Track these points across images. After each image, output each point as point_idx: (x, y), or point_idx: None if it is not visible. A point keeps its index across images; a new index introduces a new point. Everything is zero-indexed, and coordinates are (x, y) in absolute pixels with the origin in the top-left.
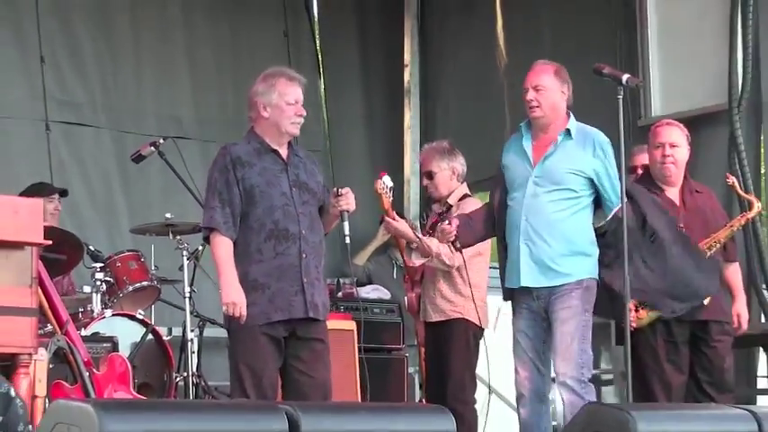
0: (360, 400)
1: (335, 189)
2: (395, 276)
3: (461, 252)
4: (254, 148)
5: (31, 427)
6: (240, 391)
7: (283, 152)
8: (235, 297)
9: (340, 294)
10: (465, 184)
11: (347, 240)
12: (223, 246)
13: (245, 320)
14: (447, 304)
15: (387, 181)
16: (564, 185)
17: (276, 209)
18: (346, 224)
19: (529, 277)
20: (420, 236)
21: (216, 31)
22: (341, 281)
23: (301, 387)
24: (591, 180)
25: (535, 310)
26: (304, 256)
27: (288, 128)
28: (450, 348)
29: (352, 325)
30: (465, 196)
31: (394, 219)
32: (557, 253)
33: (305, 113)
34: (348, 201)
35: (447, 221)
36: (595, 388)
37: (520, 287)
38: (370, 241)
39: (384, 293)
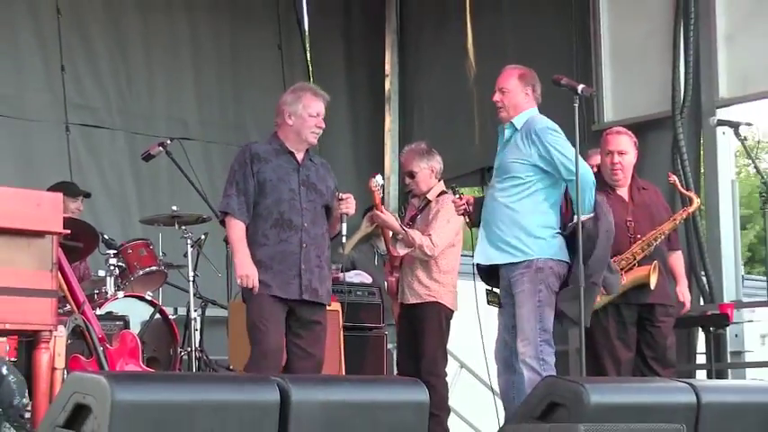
0: (344, 373)
1: (338, 194)
2: (376, 263)
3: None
4: (274, 149)
5: (26, 399)
6: (254, 346)
7: (299, 156)
8: (248, 270)
9: None
10: (441, 181)
11: (343, 240)
12: (236, 228)
13: (257, 292)
14: (423, 289)
15: (378, 179)
16: (510, 174)
17: (283, 201)
18: (344, 225)
19: (482, 256)
20: (405, 228)
21: (218, 44)
22: (333, 267)
23: (298, 362)
24: (538, 166)
25: (506, 287)
26: (304, 245)
27: (308, 136)
28: (425, 328)
29: (337, 306)
30: (442, 193)
31: (383, 212)
32: (507, 235)
33: (324, 126)
34: (348, 205)
35: (458, 196)
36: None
37: (487, 266)
38: (355, 232)
39: (366, 278)
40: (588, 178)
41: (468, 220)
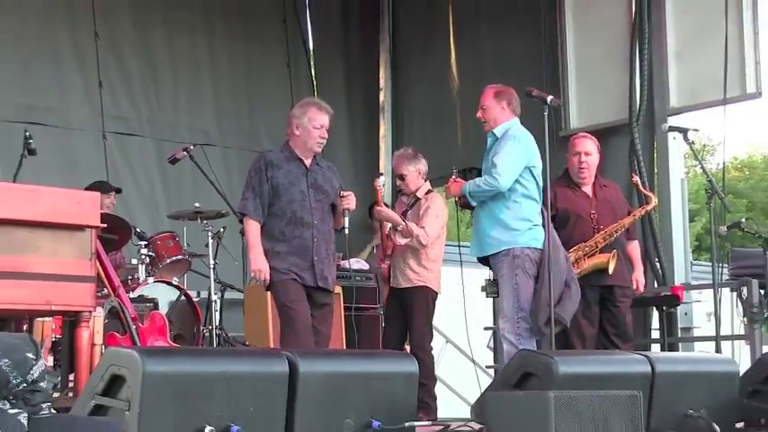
0: (344, 347)
1: (340, 191)
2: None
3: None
4: (285, 156)
5: (33, 378)
6: (287, 323)
7: (307, 162)
8: (261, 265)
9: None
10: (428, 181)
11: (346, 232)
12: (252, 227)
13: (275, 275)
14: (414, 274)
15: (382, 179)
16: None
17: (295, 202)
18: (347, 219)
19: (474, 249)
20: (404, 221)
21: (234, 63)
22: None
23: (319, 332)
24: None
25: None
26: (315, 240)
27: (313, 146)
28: (415, 308)
29: (338, 289)
30: (429, 191)
31: (383, 207)
32: (487, 228)
33: (327, 137)
34: (350, 201)
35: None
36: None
37: (484, 257)
38: (370, 241)
39: (364, 265)
40: (493, 186)
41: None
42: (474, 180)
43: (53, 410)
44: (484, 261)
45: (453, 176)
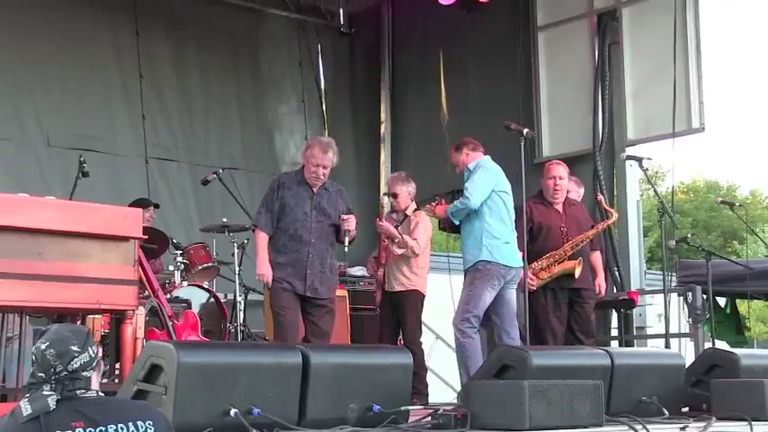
0: (349, 342)
1: (340, 216)
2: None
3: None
4: (297, 180)
5: (74, 366)
6: (277, 325)
7: (315, 187)
8: (264, 270)
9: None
10: (415, 201)
11: (346, 249)
12: (261, 237)
13: (273, 284)
14: (406, 280)
15: (386, 199)
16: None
17: (297, 221)
18: (347, 239)
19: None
20: (400, 234)
21: (257, 98)
22: (339, 264)
23: (312, 333)
24: None
25: None
26: (310, 256)
27: (309, 179)
28: (407, 309)
29: (344, 293)
30: (416, 209)
31: (383, 223)
32: (466, 247)
33: (321, 175)
34: (349, 223)
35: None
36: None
37: None
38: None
39: (365, 272)
40: (465, 205)
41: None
42: (453, 202)
43: (101, 393)
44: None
45: (437, 202)
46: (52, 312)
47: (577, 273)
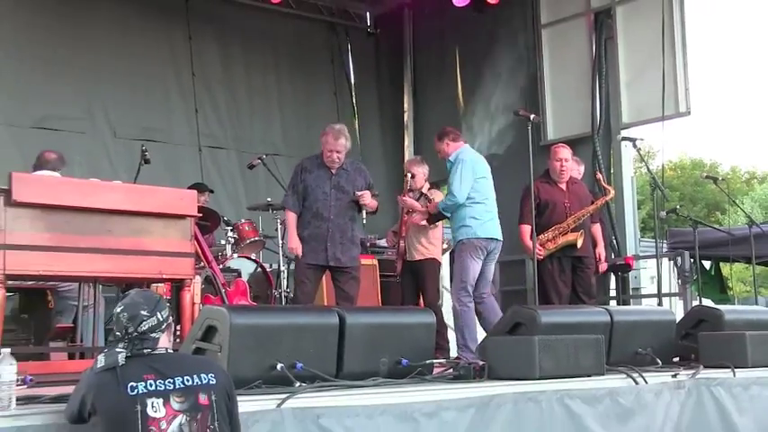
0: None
1: (356, 193)
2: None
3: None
4: (317, 163)
5: (145, 327)
6: (297, 293)
7: (333, 169)
8: (294, 244)
9: (368, 244)
10: (428, 181)
11: (364, 222)
12: (290, 216)
13: (299, 259)
14: (424, 249)
15: (410, 176)
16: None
17: (318, 200)
18: (364, 212)
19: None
20: (427, 204)
21: (295, 92)
22: (369, 236)
23: (340, 296)
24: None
25: None
26: (330, 230)
27: (325, 162)
28: (426, 276)
29: (375, 262)
30: (431, 187)
31: (407, 197)
32: (454, 226)
33: (335, 159)
34: (364, 199)
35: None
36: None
37: None
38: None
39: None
40: (453, 201)
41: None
42: (443, 200)
43: (170, 351)
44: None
45: (428, 203)
46: (121, 282)
47: (579, 243)
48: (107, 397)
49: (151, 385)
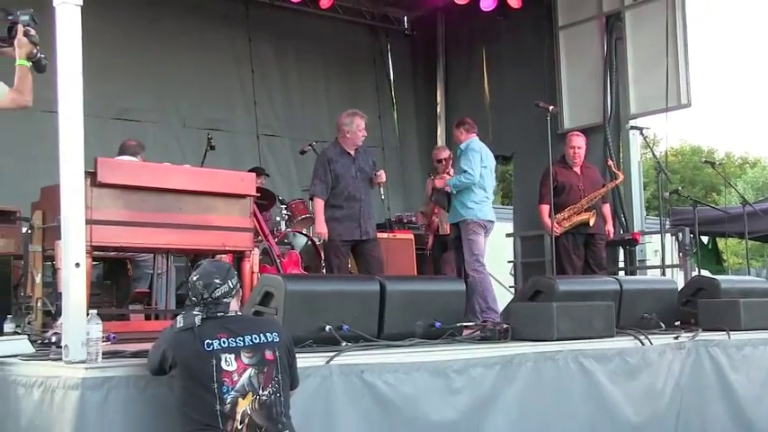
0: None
1: (373, 172)
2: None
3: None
4: (338, 152)
5: (216, 285)
6: (329, 264)
7: (352, 153)
8: (322, 229)
9: (405, 221)
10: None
11: (382, 197)
12: (318, 203)
13: (332, 236)
14: None
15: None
16: (459, 173)
17: (349, 184)
18: (382, 189)
19: (450, 218)
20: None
21: (341, 87)
22: (406, 214)
23: (371, 261)
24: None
25: None
26: (362, 209)
27: (358, 143)
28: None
29: (411, 236)
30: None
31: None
32: (456, 206)
33: (362, 139)
34: (381, 178)
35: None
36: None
37: None
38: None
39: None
40: (469, 180)
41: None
42: (454, 177)
43: (238, 313)
44: (455, 224)
45: (432, 177)
46: (190, 253)
47: (591, 222)
48: (186, 352)
49: (224, 342)
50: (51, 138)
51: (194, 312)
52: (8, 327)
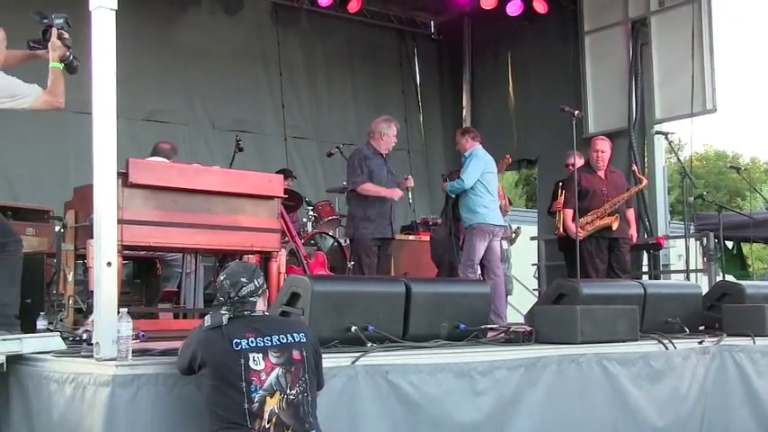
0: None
1: (405, 177)
2: None
3: None
4: (372, 152)
5: (243, 284)
6: (360, 265)
7: (384, 156)
8: (392, 194)
9: (431, 223)
10: None
11: (410, 202)
12: (369, 185)
13: (362, 235)
14: None
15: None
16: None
17: (382, 183)
18: (410, 194)
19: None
20: None
21: (368, 90)
22: (431, 216)
23: (381, 260)
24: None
25: None
26: (392, 208)
27: (390, 147)
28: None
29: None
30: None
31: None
32: (463, 211)
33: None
34: (410, 183)
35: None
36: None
37: None
38: None
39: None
40: (461, 186)
41: None
42: (452, 182)
43: (265, 313)
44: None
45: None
46: (218, 253)
47: (614, 226)
48: (215, 351)
49: (252, 342)
50: (84, 138)
51: (222, 312)
52: (41, 324)
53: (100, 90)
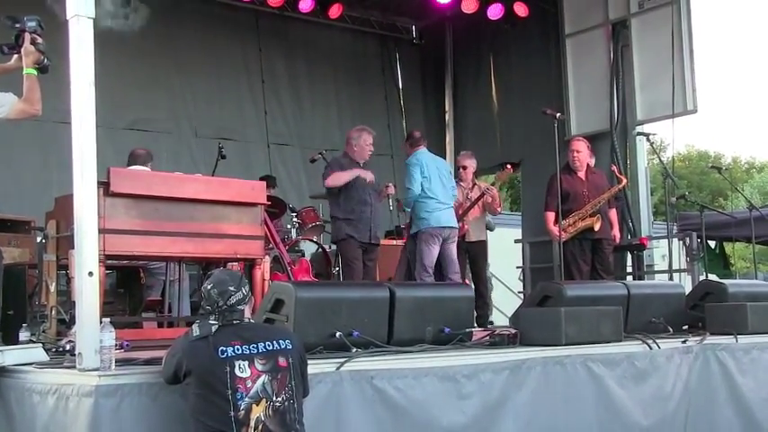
0: None
1: (386, 185)
2: None
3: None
4: (348, 161)
5: (232, 294)
6: (348, 270)
7: (361, 164)
8: (360, 173)
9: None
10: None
11: (390, 209)
12: (337, 174)
13: (347, 239)
14: (481, 233)
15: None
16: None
17: (359, 189)
18: (391, 201)
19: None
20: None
21: (351, 96)
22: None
23: (368, 265)
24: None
25: None
26: (372, 213)
27: (365, 157)
28: (479, 255)
29: None
30: (475, 180)
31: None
32: (412, 219)
33: (370, 153)
34: (391, 190)
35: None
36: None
37: None
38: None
39: None
40: (411, 196)
41: None
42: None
43: (251, 321)
44: (413, 237)
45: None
46: (202, 261)
47: (596, 227)
48: (201, 360)
49: (238, 350)
50: (66, 149)
51: (210, 321)
52: (23, 335)
53: (78, 99)
